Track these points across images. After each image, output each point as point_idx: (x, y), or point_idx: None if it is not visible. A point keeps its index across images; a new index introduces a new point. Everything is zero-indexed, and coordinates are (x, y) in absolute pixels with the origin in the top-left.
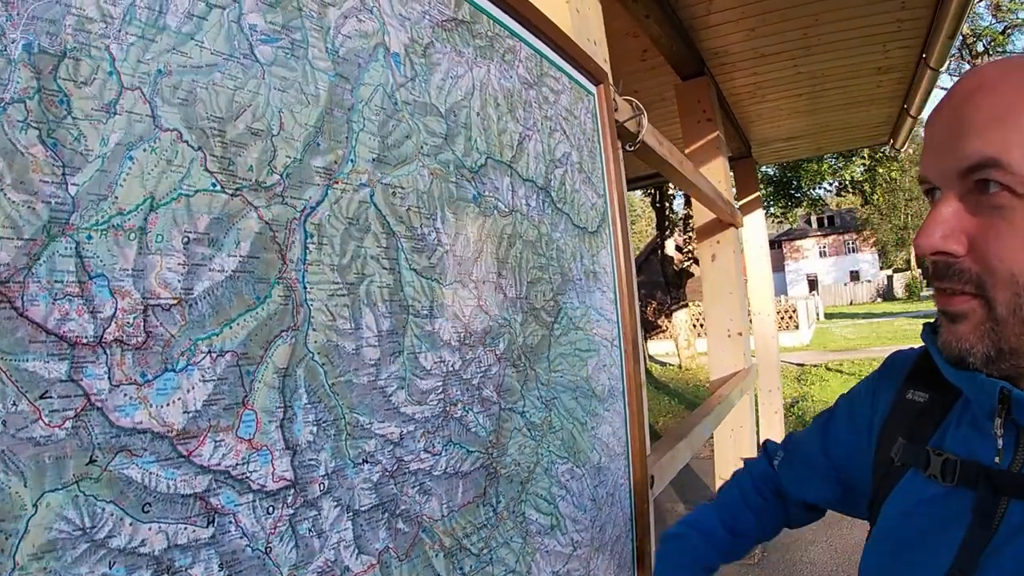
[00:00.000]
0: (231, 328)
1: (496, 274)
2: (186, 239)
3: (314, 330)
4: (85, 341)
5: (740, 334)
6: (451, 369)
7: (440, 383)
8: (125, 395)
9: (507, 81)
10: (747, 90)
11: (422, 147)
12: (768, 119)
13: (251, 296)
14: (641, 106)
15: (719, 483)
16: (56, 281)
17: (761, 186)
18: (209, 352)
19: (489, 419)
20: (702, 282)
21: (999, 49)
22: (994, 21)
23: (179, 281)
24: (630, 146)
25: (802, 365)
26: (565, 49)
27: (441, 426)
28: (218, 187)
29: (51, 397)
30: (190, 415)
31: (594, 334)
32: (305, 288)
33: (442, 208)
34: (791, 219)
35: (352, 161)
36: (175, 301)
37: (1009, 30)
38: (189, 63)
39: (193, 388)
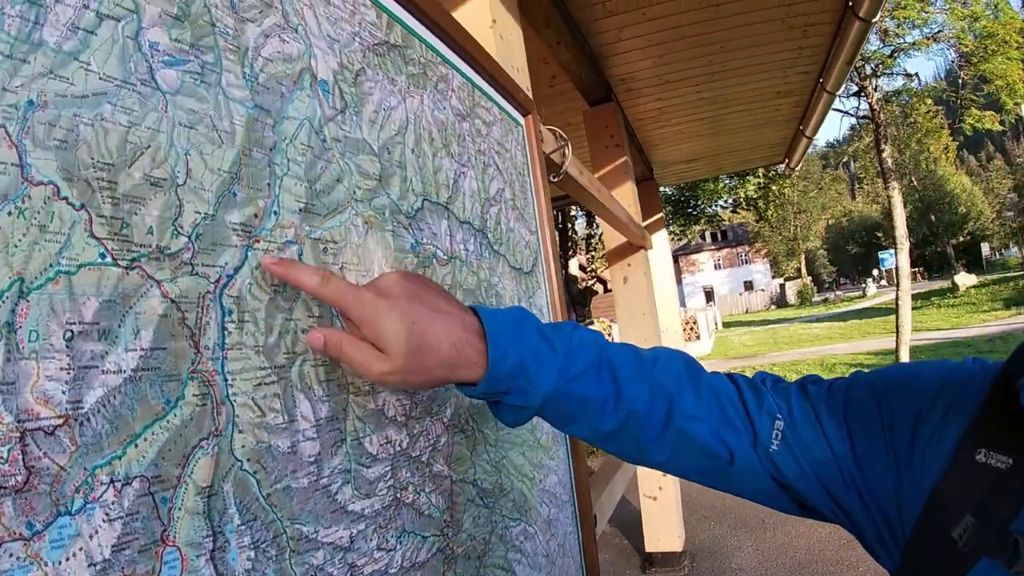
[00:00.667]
0: (136, 446)
1: None
2: (69, 333)
3: (240, 432)
4: None
5: None
6: (399, 449)
7: (389, 468)
8: (10, 555)
9: (441, 113)
10: (651, 115)
11: (355, 192)
12: (671, 142)
13: (159, 401)
14: (565, 136)
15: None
16: None
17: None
18: (112, 482)
19: (442, 496)
20: (616, 304)
21: (887, 71)
22: (882, 45)
23: (64, 392)
24: (554, 177)
25: None
26: (495, 77)
27: (393, 517)
28: (108, 259)
29: None
30: (98, 567)
31: None
32: (226, 380)
33: (379, 262)
34: (689, 236)
35: (276, 213)
36: (60, 420)
37: (896, 53)
38: (70, 91)
39: (97, 532)
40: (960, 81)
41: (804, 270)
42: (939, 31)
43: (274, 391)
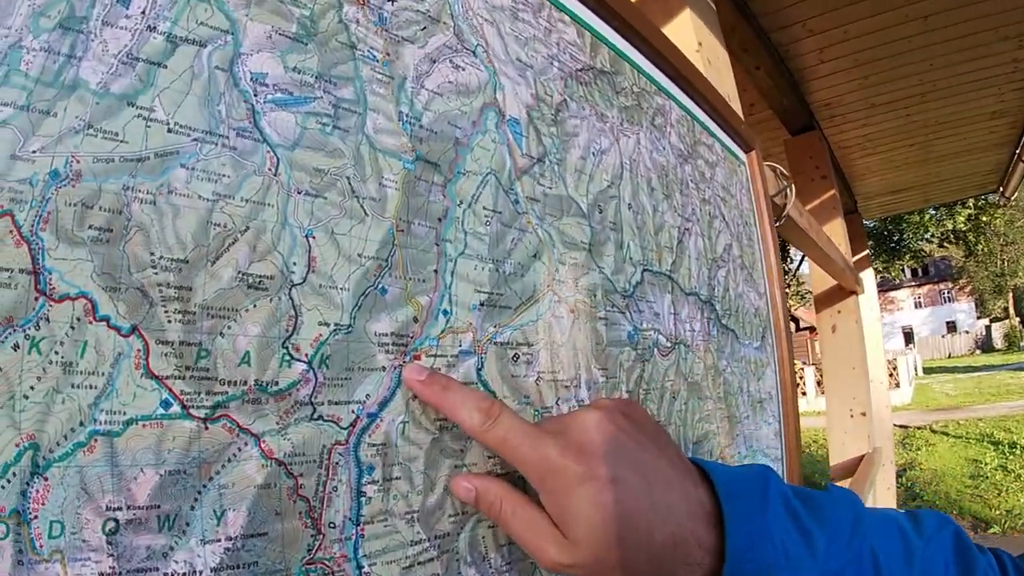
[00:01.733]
0: None
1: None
2: (112, 524)
3: None
4: None
5: (864, 414)
6: None
7: None
8: None
9: (660, 154)
10: (857, 142)
11: (557, 270)
12: (877, 172)
13: None
14: (787, 174)
15: None
16: None
17: None
18: None
19: None
20: (822, 356)
21: None
22: None
23: None
24: (776, 222)
25: (905, 427)
26: (716, 108)
27: None
28: (176, 407)
29: None
30: None
31: None
32: (360, 568)
33: (587, 367)
34: (893, 273)
35: (446, 313)
36: None
37: None
38: (119, 153)
39: None
40: None
41: (1012, 310)
42: None
43: (432, 571)
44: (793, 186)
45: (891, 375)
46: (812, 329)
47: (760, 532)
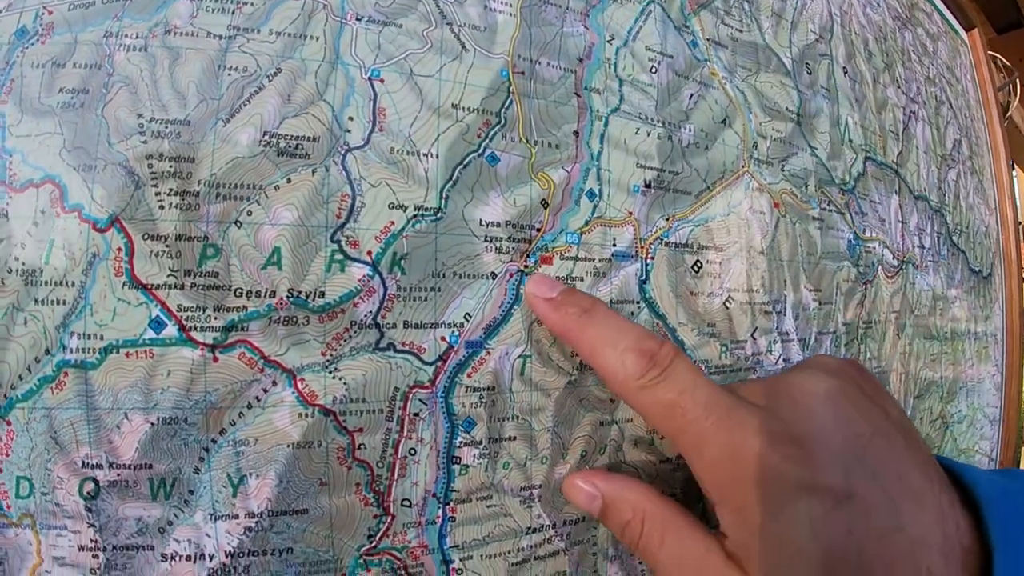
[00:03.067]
0: None
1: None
2: (91, 485)
3: None
4: None
5: None
6: None
7: None
8: None
9: (875, 12)
10: None
11: (754, 145)
12: None
13: None
14: (1009, 66)
15: None
16: None
17: None
18: None
19: None
20: None
21: None
22: None
23: None
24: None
25: None
26: None
27: None
28: (171, 327)
29: None
30: None
31: (973, 451)
32: (448, 562)
33: (795, 285)
34: None
35: (593, 196)
36: None
37: None
38: None
39: None
40: None
41: None
42: None
43: (557, 569)
44: (1019, 81)
45: None
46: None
47: None
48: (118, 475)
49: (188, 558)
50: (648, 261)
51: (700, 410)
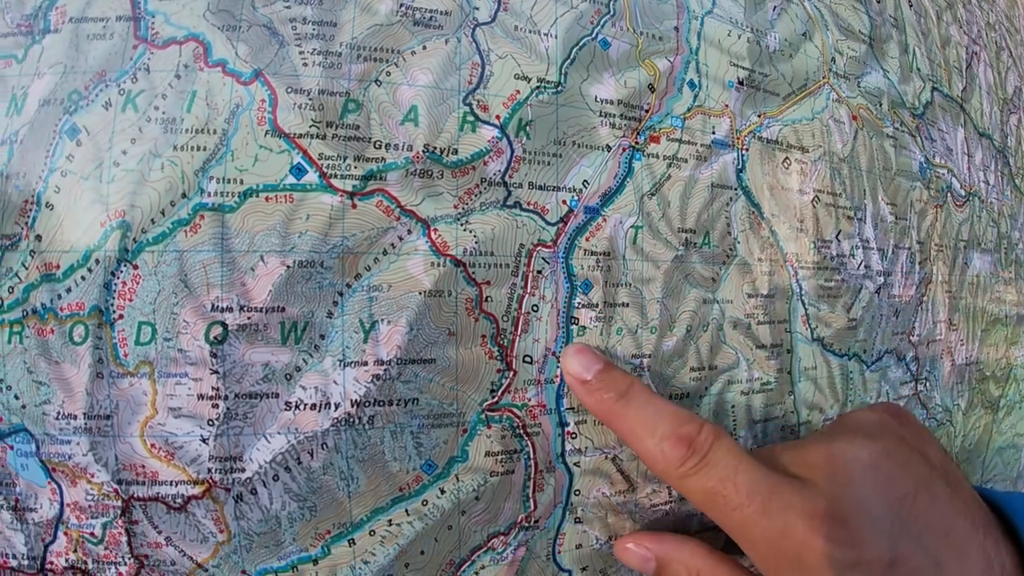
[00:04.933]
0: (353, 543)
1: (945, 323)
2: (219, 329)
3: (581, 522)
4: (14, 565)
5: None
6: None
7: None
8: None
9: None
10: None
11: (834, 60)
12: None
13: (409, 463)
14: None
15: None
16: None
17: None
18: None
19: None
20: None
21: None
22: None
23: (205, 439)
24: None
25: None
26: None
27: None
28: (311, 174)
29: None
30: None
31: None
32: (562, 422)
33: (874, 196)
34: None
35: (693, 86)
36: (199, 489)
37: None
38: None
39: None
40: None
41: None
42: None
43: None
44: None
45: None
46: None
47: None
48: (248, 318)
49: (313, 407)
50: (744, 152)
51: (743, 497)
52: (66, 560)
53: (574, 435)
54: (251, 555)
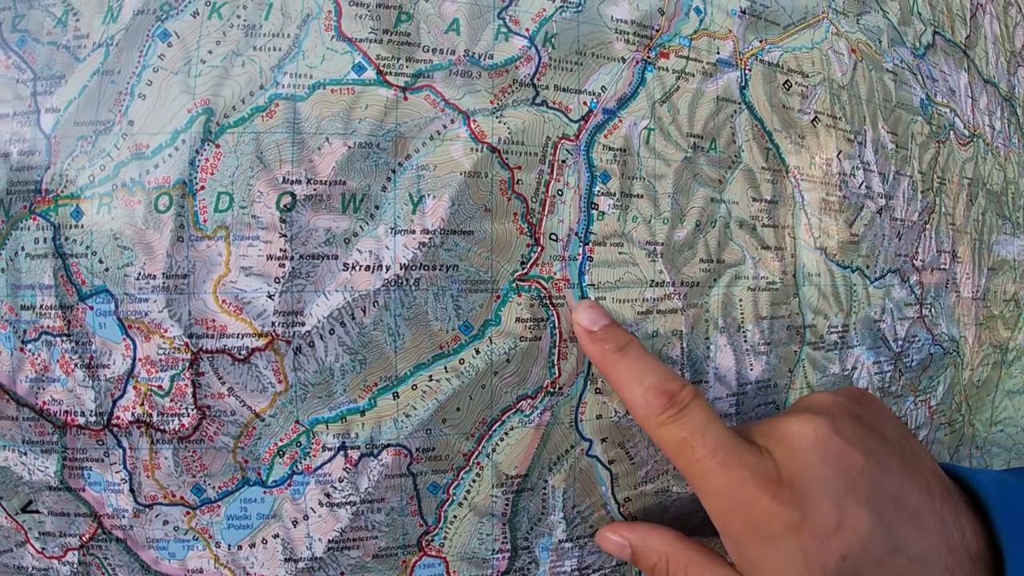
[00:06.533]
0: (398, 396)
1: (950, 255)
2: (288, 199)
3: (599, 392)
4: (81, 422)
5: None
6: None
7: None
8: (165, 523)
9: None
10: None
11: None
12: None
13: (447, 323)
14: None
15: None
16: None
17: None
18: (343, 448)
19: None
20: None
21: None
22: None
23: (271, 296)
24: None
25: None
26: None
27: None
28: (370, 72)
29: (39, 512)
30: (300, 566)
31: None
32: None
33: (874, 123)
34: None
35: (699, 11)
36: (263, 342)
37: None
38: None
39: (306, 518)
40: None
41: None
42: None
43: (675, 327)
44: None
45: None
46: None
47: None
48: (314, 190)
49: (367, 268)
50: (747, 72)
51: (708, 450)
52: (132, 414)
53: None
54: (305, 405)
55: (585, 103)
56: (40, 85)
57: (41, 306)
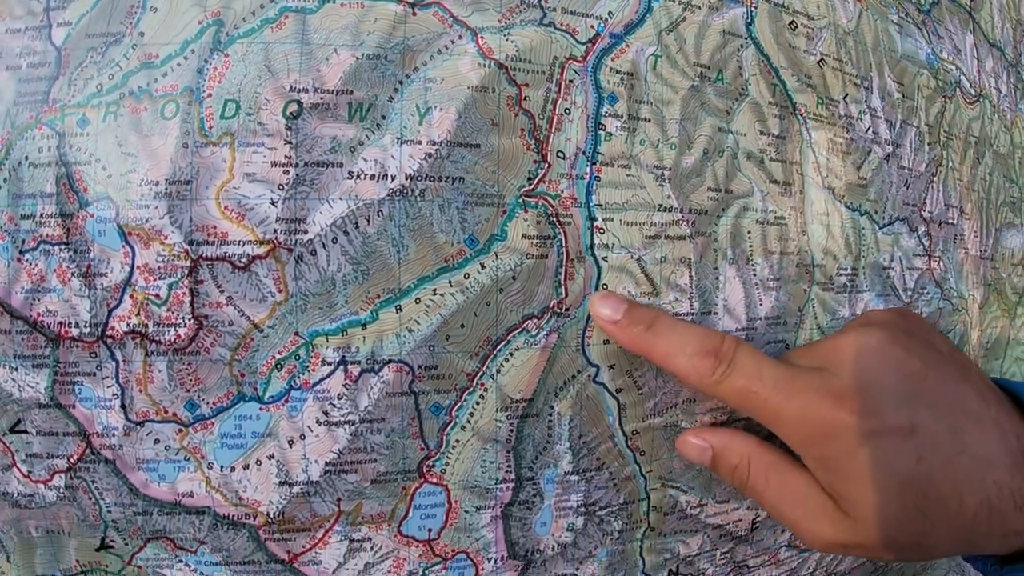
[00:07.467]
0: (400, 310)
1: (957, 210)
2: (294, 107)
3: None
4: (75, 334)
5: None
6: None
7: None
8: (156, 441)
9: None
10: None
11: None
12: None
13: (452, 235)
14: None
15: None
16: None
17: None
18: (343, 363)
19: None
20: None
21: None
22: None
23: (273, 202)
24: None
25: None
26: None
27: None
28: None
29: (28, 432)
30: (295, 490)
31: None
32: (591, 218)
33: (880, 71)
34: None
35: None
36: (263, 249)
37: None
38: None
39: (303, 437)
40: None
41: None
42: None
43: (683, 254)
44: None
45: None
46: None
47: None
48: (321, 99)
49: (372, 177)
50: (752, 9)
51: (769, 389)
52: (127, 324)
53: (602, 230)
54: (305, 316)
55: (592, 26)
56: (53, 1)
57: (41, 215)
